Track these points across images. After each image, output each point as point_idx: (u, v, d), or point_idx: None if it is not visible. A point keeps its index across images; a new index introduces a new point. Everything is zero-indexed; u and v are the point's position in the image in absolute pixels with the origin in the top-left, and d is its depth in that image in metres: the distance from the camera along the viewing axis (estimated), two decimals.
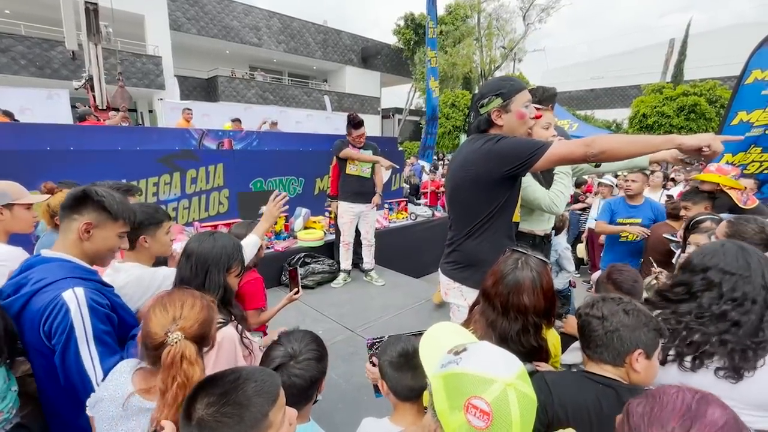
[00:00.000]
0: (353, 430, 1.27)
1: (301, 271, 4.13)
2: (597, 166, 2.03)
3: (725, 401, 0.68)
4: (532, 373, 1.19)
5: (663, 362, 1.18)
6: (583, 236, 5.46)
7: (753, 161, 4.26)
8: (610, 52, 28.92)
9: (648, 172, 4.19)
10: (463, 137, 3.38)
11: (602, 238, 4.31)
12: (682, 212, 2.77)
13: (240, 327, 1.44)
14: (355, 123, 3.93)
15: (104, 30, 6.28)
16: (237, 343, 1.37)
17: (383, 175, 4.47)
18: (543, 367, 1.25)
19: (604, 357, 1.07)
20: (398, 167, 4.89)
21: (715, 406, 0.66)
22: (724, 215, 2.25)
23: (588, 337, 1.11)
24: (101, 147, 3.85)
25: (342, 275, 4.30)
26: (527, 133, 1.74)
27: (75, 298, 1.12)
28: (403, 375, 1.18)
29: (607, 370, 1.07)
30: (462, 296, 1.74)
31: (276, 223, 4.53)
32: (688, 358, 1.17)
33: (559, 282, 3.48)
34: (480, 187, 1.61)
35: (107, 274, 1.52)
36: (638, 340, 1.03)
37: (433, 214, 6.03)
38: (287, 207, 2.03)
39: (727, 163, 4.19)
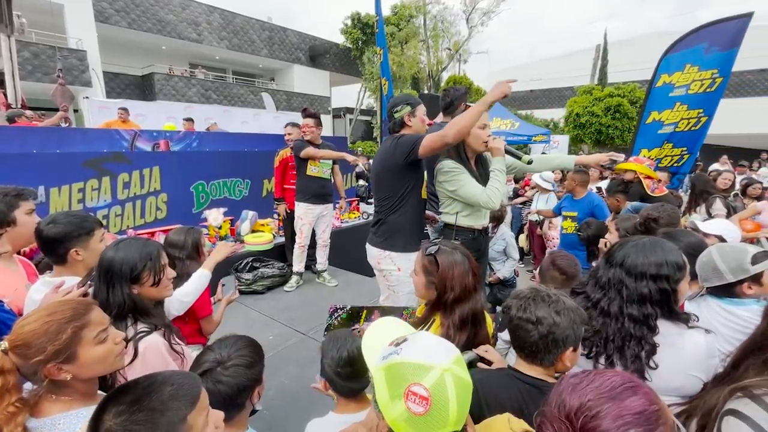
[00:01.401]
0: None
1: (249, 276, 3.98)
2: (529, 163, 2.17)
3: None
4: (474, 362, 1.25)
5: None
6: (525, 228, 5.79)
7: (666, 156, 4.77)
8: (547, 56, 30.88)
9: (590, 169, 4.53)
10: None
11: (543, 229, 4.62)
12: (607, 202, 3.08)
13: (167, 334, 1.37)
14: (306, 114, 3.88)
15: (17, 20, 5.61)
16: (164, 351, 1.31)
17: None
18: (490, 351, 1.31)
19: (537, 361, 1.10)
20: (360, 164, 4.89)
21: (640, 396, 0.67)
22: (635, 204, 2.54)
23: (522, 340, 1.11)
24: (10, 150, 3.45)
25: (294, 278, 4.20)
26: (425, 131, 2.26)
27: None
28: (345, 381, 1.24)
29: (536, 371, 1.11)
30: (392, 262, 2.17)
31: (220, 228, 4.33)
32: (602, 359, 1.25)
33: (507, 270, 3.67)
34: (393, 173, 2.14)
35: (35, 290, 1.40)
36: (570, 338, 1.07)
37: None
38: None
39: (644, 158, 4.67)
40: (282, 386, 2.58)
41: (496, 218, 3.55)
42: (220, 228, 4.33)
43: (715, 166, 8.55)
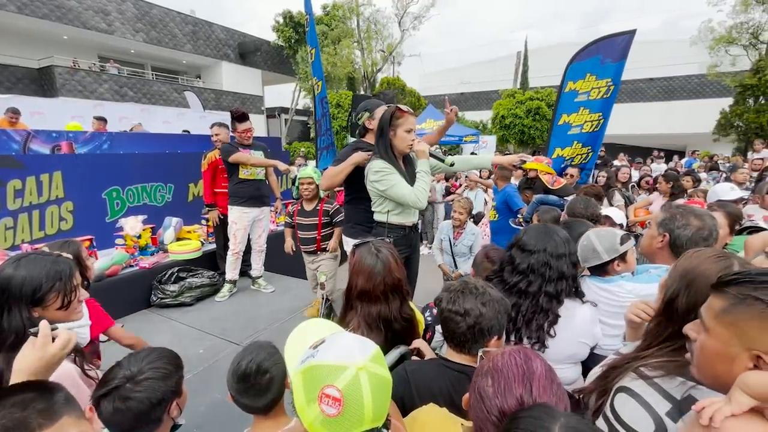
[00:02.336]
0: None
1: (174, 287, 3.69)
2: (452, 165, 2.29)
3: None
4: (407, 355, 1.28)
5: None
6: None
7: (577, 154, 5.32)
8: (474, 60, 32.69)
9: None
10: (350, 138, 3.51)
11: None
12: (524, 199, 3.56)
13: (79, 359, 1.24)
14: (238, 116, 3.67)
15: None
16: (77, 378, 1.19)
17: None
18: (423, 346, 1.36)
19: (465, 350, 1.17)
20: (294, 171, 4.74)
21: (534, 358, 0.78)
22: (539, 196, 2.93)
23: (452, 331, 1.17)
24: None
25: (227, 286, 3.97)
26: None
27: None
28: (240, 396, 1.18)
29: (464, 359, 1.18)
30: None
31: (140, 237, 3.96)
32: (512, 336, 1.44)
33: (470, 267, 3.77)
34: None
35: None
36: (494, 328, 1.15)
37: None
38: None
39: (559, 156, 5.17)
40: (214, 401, 2.43)
41: (474, 217, 3.69)
42: (139, 237, 3.95)
43: (615, 162, 9.71)
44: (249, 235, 3.99)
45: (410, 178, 2.16)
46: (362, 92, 21.44)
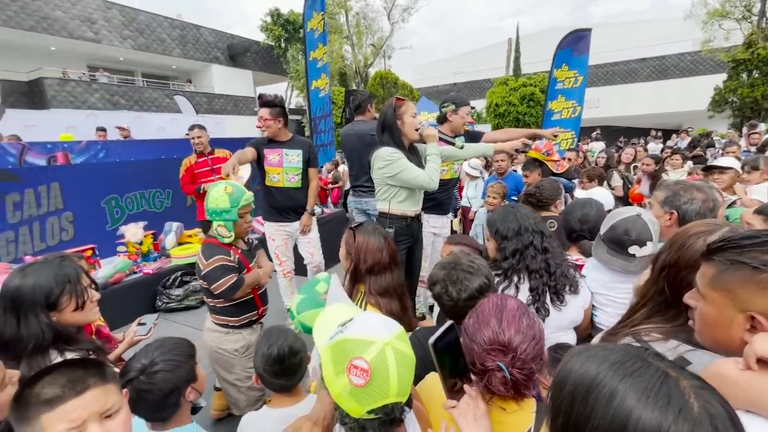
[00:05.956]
0: None
1: (179, 291, 3.71)
2: (461, 147, 2.33)
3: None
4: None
5: None
6: (458, 212, 6.10)
7: (562, 139, 5.46)
8: (465, 50, 32.54)
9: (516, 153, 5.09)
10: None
11: (471, 213, 4.91)
12: (524, 179, 3.48)
13: (101, 358, 1.28)
14: (262, 102, 2.96)
15: None
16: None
17: (242, 172, 3.14)
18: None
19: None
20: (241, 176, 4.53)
21: (510, 299, 0.98)
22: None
23: (442, 307, 1.31)
24: None
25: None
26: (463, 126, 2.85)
27: None
28: (274, 378, 1.30)
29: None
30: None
31: (141, 244, 3.96)
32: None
33: None
34: None
35: None
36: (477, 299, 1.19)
37: (323, 211, 6.01)
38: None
39: (555, 143, 5.30)
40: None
41: (503, 196, 3.64)
42: (140, 244, 3.95)
43: (651, 145, 9.84)
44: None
45: (418, 166, 2.19)
46: (354, 87, 21.34)
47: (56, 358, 1.17)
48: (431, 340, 0.85)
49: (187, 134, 4.23)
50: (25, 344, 1.12)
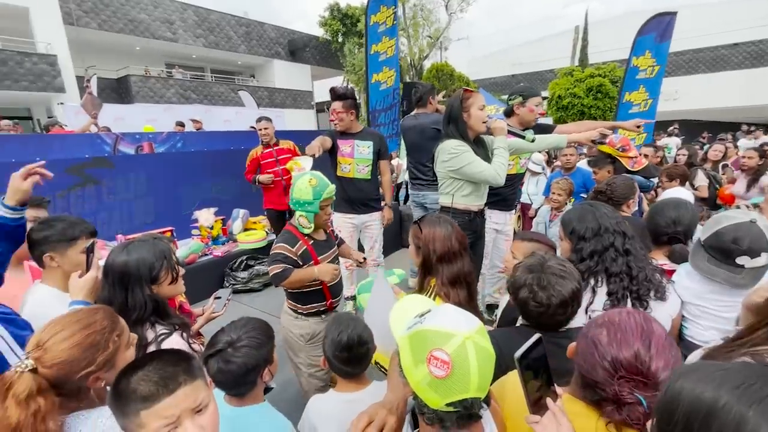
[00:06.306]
0: None
1: (244, 274, 3.95)
2: (532, 141, 2.21)
3: None
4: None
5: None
6: (518, 209, 5.86)
7: (638, 135, 5.03)
8: (525, 40, 30.92)
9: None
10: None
11: (531, 211, 4.69)
12: (592, 176, 3.22)
13: (185, 334, 1.37)
14: (334, 95, 2.93)
15: None
16: (185, 349, 1.31)
17: (305, 164, 3.69)
18: None
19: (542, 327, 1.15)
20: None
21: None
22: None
23: (526, 315, 1.20)
24: None
25: (350, 304, 3.43)
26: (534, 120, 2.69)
27: None
28: (341, 364, 1.33)
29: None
30: None
31: (212, 228, 4.28)
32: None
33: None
34: None
35: (25, 298, 1.38)
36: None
37: None
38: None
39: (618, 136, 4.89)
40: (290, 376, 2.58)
41: (569, 193, 3.38)
42: (211, 228, 4.27)
43: (742, 141, 8.93)
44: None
45: (484, 160, 2.13)
46: (409, 80, 21.22)
47: (148, 330, 1.27)
48: (517, 354, 0.80)
49: (253, 126, 4.46)
50: (130, 315, 1.23)
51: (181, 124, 7.26)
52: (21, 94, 12.85)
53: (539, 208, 3.99)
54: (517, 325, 1.33)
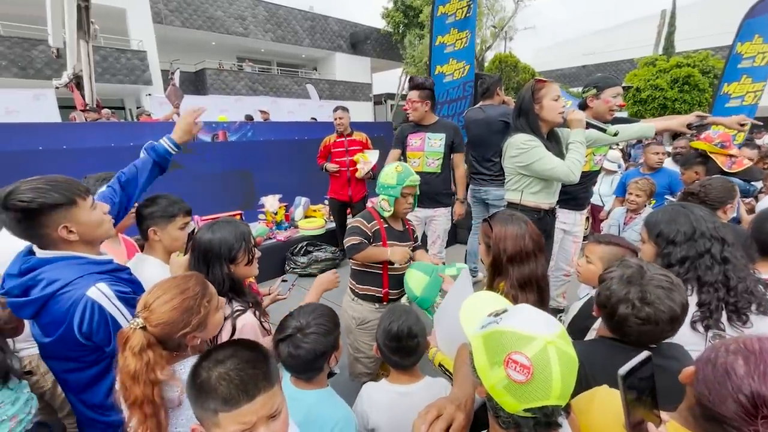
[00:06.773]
0: None
1: (304, 259, 4.12)
2: (615, 134, 2.04)
3: None
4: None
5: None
6: (587, 210, 5.48)
7: (739, 132, 4.40)
8: (599, 27, 28.56)
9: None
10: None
11: (603, 213, 4.34)
12: (680, 176, 2.92)
13: (257, 312, 1.45)
14: (412, 84, 2.92)
15: (92, 27, 6.11)
16: (257, 328, 1.39)
17: (372, 157, 3.93)
18: None
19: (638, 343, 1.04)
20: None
21: None
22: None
23: (624, 332, 1.05)
24: (94, 144, 3.79)
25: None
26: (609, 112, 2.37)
27: (102, 294, 1.09)
28: (390, 353, 1.36)
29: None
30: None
31: (276, 213, 4.51)
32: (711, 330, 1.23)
33: None
34: None
35: (131, 265, 1.49)
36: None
37: None
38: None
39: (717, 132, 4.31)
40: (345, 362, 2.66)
41: (649, 194, 3.06)
42: (276, 213, 4.50)
43: None
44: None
45: (557, 155, 1.99)
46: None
47: (225, 305, 1.34)
48: (622, 371, 0.73)
49: (314, 118, 4.60)
50: None
51: (249, 119, 7.74)
52: (117, 87, 14.45)
53: (611, 210, 3.69)
54: (595, 336, 1.24)
